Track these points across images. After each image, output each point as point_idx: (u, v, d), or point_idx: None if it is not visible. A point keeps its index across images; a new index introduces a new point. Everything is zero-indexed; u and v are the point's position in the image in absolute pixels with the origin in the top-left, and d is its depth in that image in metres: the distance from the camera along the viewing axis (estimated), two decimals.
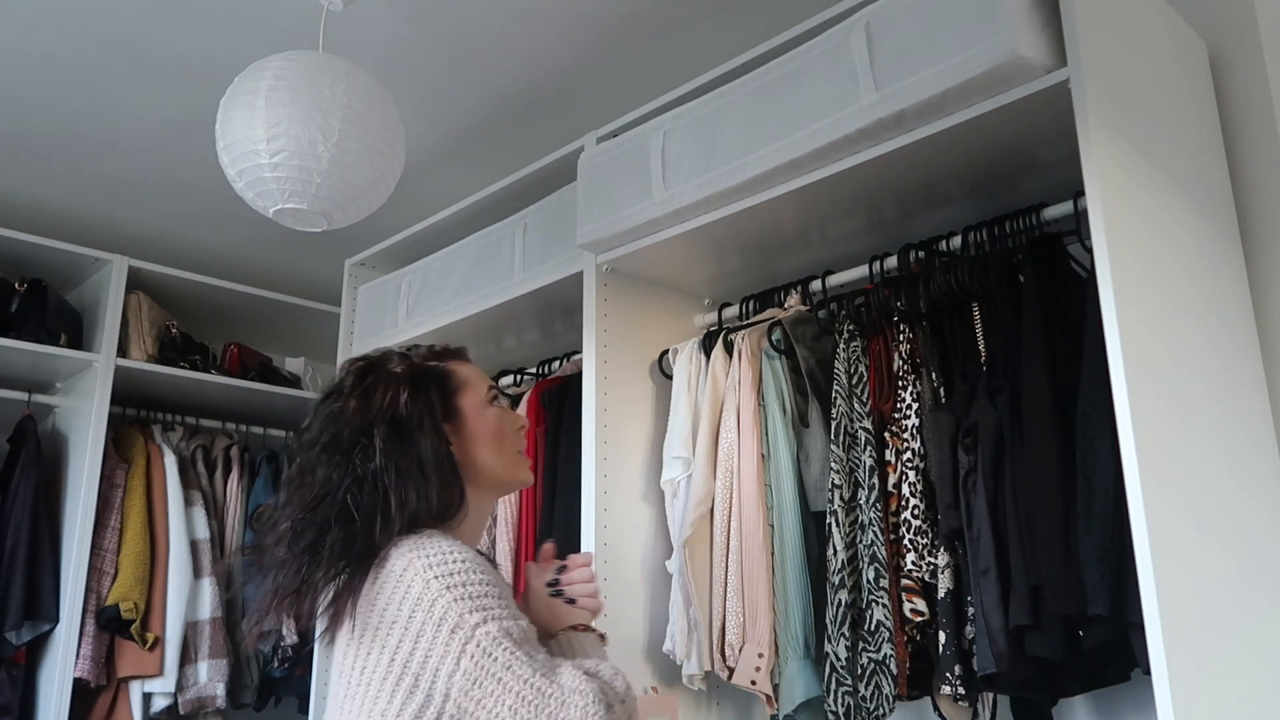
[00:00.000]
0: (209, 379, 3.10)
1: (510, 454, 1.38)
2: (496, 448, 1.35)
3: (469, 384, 1.36)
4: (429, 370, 1.34)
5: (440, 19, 2.26)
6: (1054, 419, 1.48)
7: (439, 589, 1.14)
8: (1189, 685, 1.23)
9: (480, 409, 1.35)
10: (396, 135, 1.89)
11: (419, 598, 1.15)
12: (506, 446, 1.37)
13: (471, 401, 1.35)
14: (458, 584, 1.15)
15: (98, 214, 3.18)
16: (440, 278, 2.63)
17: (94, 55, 2.39)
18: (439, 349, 1.40)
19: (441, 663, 1.12)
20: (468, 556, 1.18)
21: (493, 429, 1.35)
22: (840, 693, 1.64)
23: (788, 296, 2.06)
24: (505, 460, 1.36)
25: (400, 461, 1.23)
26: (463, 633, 1.12)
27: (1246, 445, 1.56)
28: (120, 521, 2.85)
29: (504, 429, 1.37)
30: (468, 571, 1.16)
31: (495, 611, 1.14)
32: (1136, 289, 1.38)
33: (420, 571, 1.16)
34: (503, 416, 1.39)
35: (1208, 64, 1.79)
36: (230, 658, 2.92)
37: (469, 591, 1.14)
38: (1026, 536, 1.49)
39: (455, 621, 1.13)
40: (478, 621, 1.13)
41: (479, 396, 1.36)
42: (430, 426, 1.27)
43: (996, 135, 1.57)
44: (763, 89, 1.79)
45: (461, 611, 1.13)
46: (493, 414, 1.37)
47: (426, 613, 1.14)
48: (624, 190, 1.99)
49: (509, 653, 1.11)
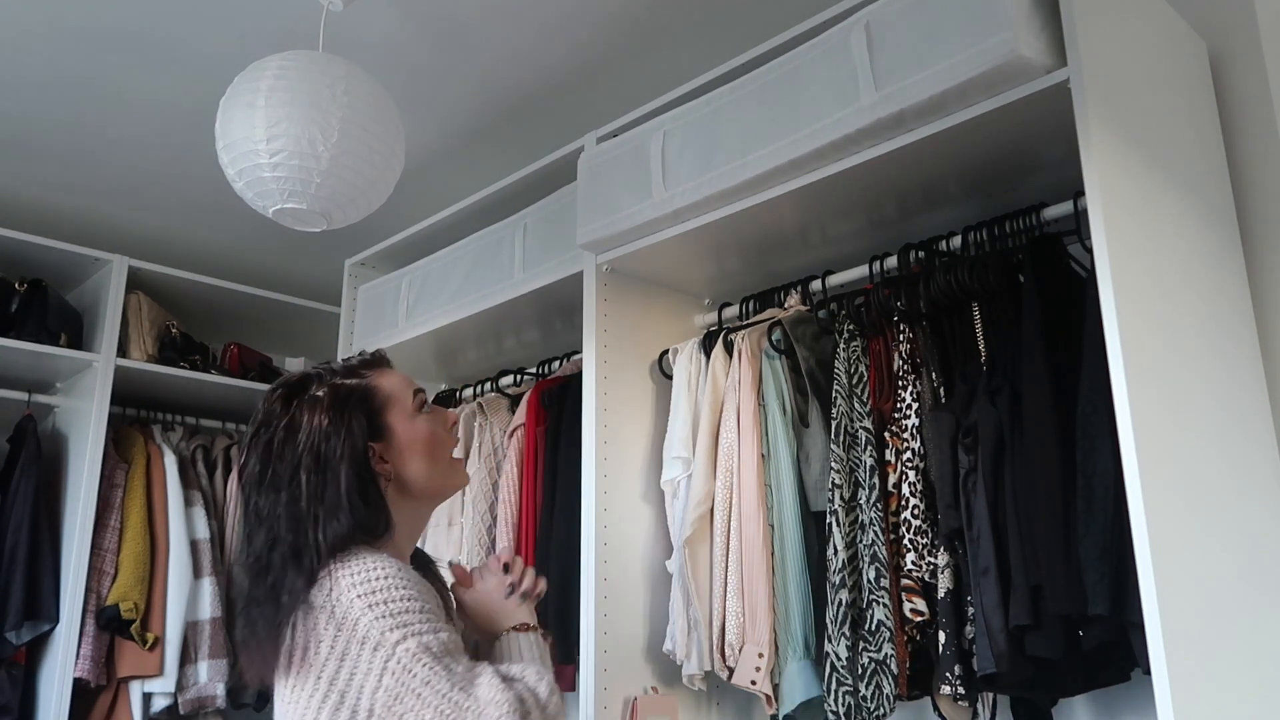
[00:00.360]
0: (209, 379, 3.10)
1: (444, 461, 1.37)
2: (430, 458, 1.34)
3: (394, 397, 1.34)
4: (351, 391, 1.31)
5: (440, 19, 2.26)
6: (1054, 419, 1.48)
7: (361, 608, 1.17)
8: (1189, 685, 1.23)
9: (409, 421, 1.34)
10: (396, 135, 1.89)
11: (343, 617, 1.17)
12: (440, 455, 1.36)
13: (399, 415, 1.33)
14: (379, 601, 1.17)
15: (98, 214, 3.18)
16: (440, 278, 2.63)
17: (94, 54, 2.39)
18: (358, 362, 1.37)
19: (365, 680, 1.16)
20: (391, 572, 1.20)
21: (425, 439, 1.34)
22: (840, 693, 1.64)
23: (788, 296, 2.06)
24: (440, 469, 1.36)
25: (323, 492, 1.24)
26: (384, 650, 1.15)
27: (1246, 445, 1.56)
28: (120, 521, 2.84)
29: (436, 436, 1.36)
30: (389, 589, 1.18)
31: (415, 627, 1.16)
32: (1136, 289, 1.38)
33: (345, 591, 1.18)
34: (433, 421, 1.37)
35: (1208, 64, 1.79)
36: (230, 658, 2.92)
37: (390, 609, 1.16)
38: (1026, 536, 1.49)
39: (377, 639, 1.15)
40: (397, 639, 1.15)
41: (406, 407, 1.34)
42: (349, 456, 1.26)
43: (996, 135, 1.57)
44: (763, 89, 1.79)
45: (382, 629, 1.15)
46: (422, 422, 1.35)
47: (350, 631, 1.17)
48: (624, 190, 1.99)
49: (427, 668, 1.14)
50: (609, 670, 1.91)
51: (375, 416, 1.31)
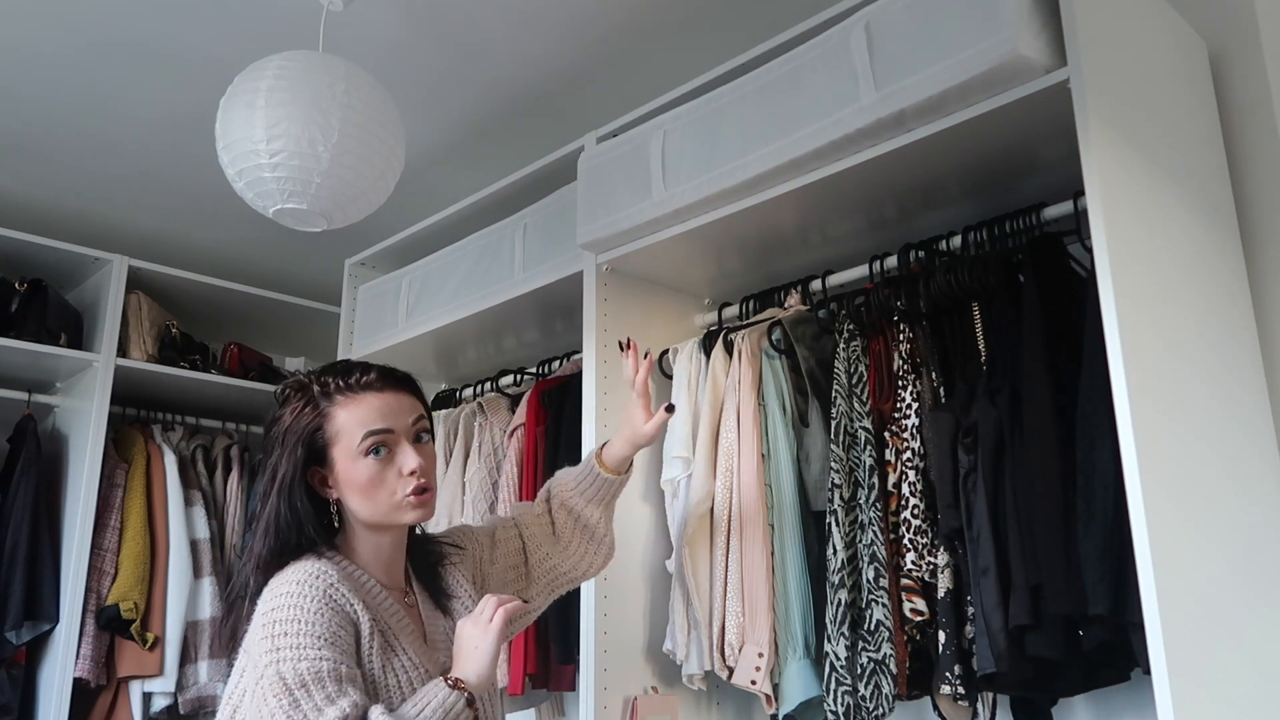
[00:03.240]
0: (209, 379, 3.10)
1: (384, 504, 1.34)
2: (365, 498, 1.33)
3: (341, 434, 1.33)
4: (302, 423, 1.34)
5: (440, 19, 2.26)
6: (1054, 419, 1.48)
7: (259, 625, 1.22)
8: (1189, 685, 1.23)
9: (351, 461, 1.33)
10: (396, 135, 1.89)
11: (249, 635, 1.25)
12: (378, 496, 1.33)
13: (342, 453, 1.33)
14: (270, 621, 1.21)
15: (98, 214, 3.18)
16: (440, 278, 2.63)
17: (94, 55, 2.39)
18: (352, 381, 1.36)
19: (243, 699, 1.24)
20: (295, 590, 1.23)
21: (361, 483, 1.33)
22: (840, 692, 1.64)
23: (788, 296, 2.06)
24: (378, 509, 1.34)
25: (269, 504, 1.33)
26: (256, 673, 1.20)
27: (1246, 445, 1.56)
28: (120, 521, 2.85)
29: (376, 480, 1.33)
30: (284, 608, 1.22)
31: (283, 653, 1.18)
32: (1136, 289, 1.38)
33: (261, 604, 1.25)
34: (378, 469, 1.33)
35: (1208, 64, 1.79)
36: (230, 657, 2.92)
37: (272, 630, 1.20)
38: (1026, 536, 1.49)
39: (256, 659, 1.21)
40: (266, 663, 1.19)
41: (350, 448, 1.33)
42: (285, 481, 1.32)
43: (996, 135, 1.57)
44: (763, 89, 1.79)
45: (261, 650, 1.20)
46: (363, 467, 1.32)
47: (248, 651, 1.26)
48: (624, 190, 1.99)
49: (276, 698, 1.16)
50: (609, 670, 1.91)
51: (323, 449, 1.35)
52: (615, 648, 1.94)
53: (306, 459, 1.33)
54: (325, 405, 1.35)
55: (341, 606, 1.25)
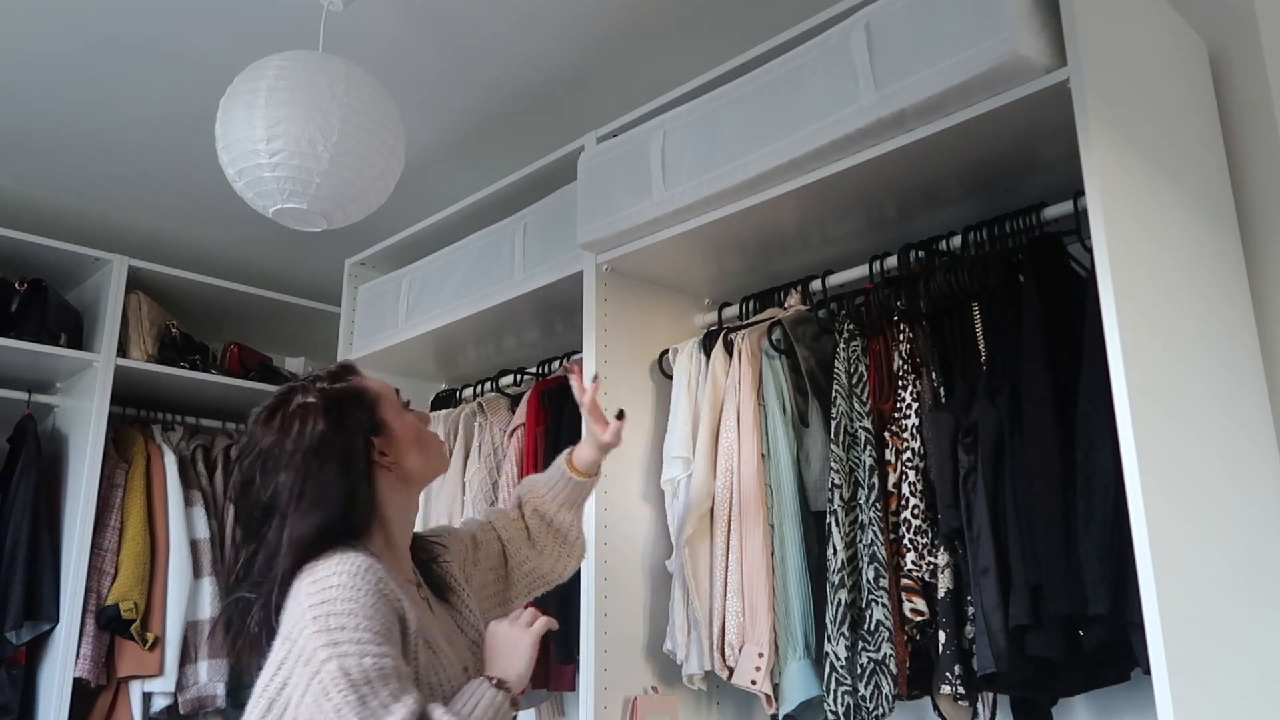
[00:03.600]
0: (209, 379, 3.10)
1: (434, 451, 1.45)
2: (421, 448, 1.41)
3: (383, 396, 1.40)
4: (344, 393, 1.36)
5: (440, 19, 2.26)
6: (1054, 419, 1.48)
7: (308, 619, 1.18)
8: (1189, 685, 1.23)
9: (400, 416, 1.41)
10: (396, 135, 1.89)
11: (293, 627, 1.19)
12: (430, 444, 1.44)
13: (390, 411, 1.39)
14: (323, 614, 1.17)
15: (98, 214, 3.18)
16: (440, 278, 2.63)
17: (94, 54, 2.39)
18: (336, 370, 1.41)
19: (293, 692, 1.17)
20: (345, 581, 1.20)
21: (414, 432, 1.41)
22: (840, 692, 1.64)
23: (788, 296, 2.06)
24: (429, 457, 1.43)
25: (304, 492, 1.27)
26: (312, 667, 1.16)
27: (1246, 445, 1.56)
28: (120, 521, 2.84)
29: (419, 430, 1.43)
30: (336, 600, 1.18)
31: (343, 648, 1.15)
32: (1136, 289, 1.38)
33: (301, 599, 1.20)
34: (418, 417, 1.45)
35: (1208, 64, 1.79)
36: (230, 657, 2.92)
37: (329, 624, 1.16)
38: (1026, 536, 1.49)
39: (309, 654, 1.16)
40: (325, 658, 1.15)
41: (394, 404, 1.41)
42: (346, 454, 1.31)
43: (996, 135, 1.57)
44: (763, 89, 1.79)
45: (316, 645, 1.16)
46: (410, 418, 1.43)
47: (293, 642, 1.19)
48: (624, 190, 1.99)
49: (342, 694, 1.13)
50: (609, 670, 1.91)
51: (372, 414, 1.36)
52: (615, 648, 1.94)
53: (367, 427, 1.34)
54: (350, 380, 1.38)
55: (392, 602, 1.23)
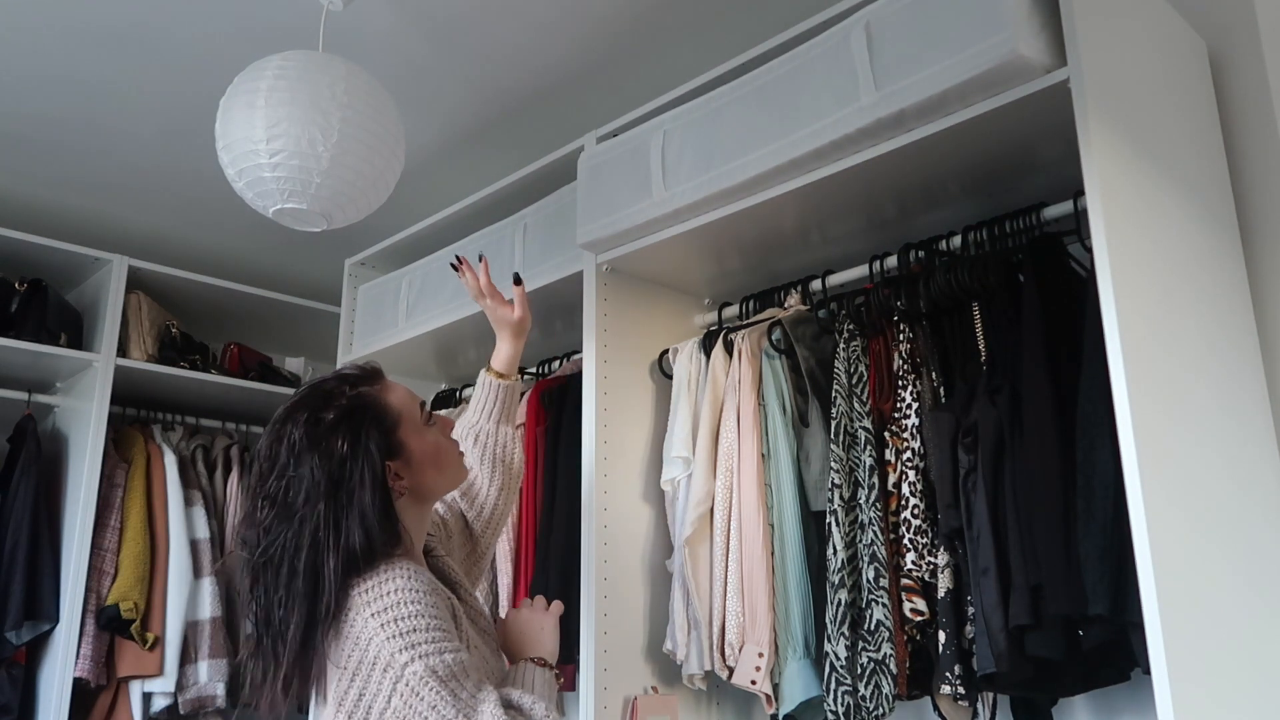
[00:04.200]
0: (209, 379, 3.10)
1: (452, 467, 1.42)
2: (440, 466, 1.39)
3: (404, 413, 1.35)
4: (365, 411, 1.31)
5: (440, 19, 2.26)
6: (1054, 419, 1.48)
7: (375, 628, 1.19)
8: (1189, 685, 1.23)
9: (420, 435, 1.37)
10: (396, 135, 1.89)
11: (358, 637, 1.20)
12: (448, 462, 1.41)
13: (410, 431, 1.35)
14: (390, 620, 1.19)
15: (98, 214, 3.18)
16: (440, 277, 2.63)
17: (94, 54, 2.39)
18: (359, 374, 1.37)
19: (374, 700, 1.18)
20: (403, 585, 1.21)
21: (433, 451, 1.37)
22: (840, 692, 1.64)
23: (788, 296, 2.06)
24: (449, 475, 1.42)
25: (339, 518, 1.24)
26: (393, 672, 1.17)
27: (1246, 445, 1.56)
28: (120, 521, 2.84)
29: (442, 445, 1.40)
30: (400, 604, 1.20)
31: (423, 648, 1.17)
32: (1136, 289, 1.38)
33: (360, 610, 1.21)
34: (441, 431, 1.42)
35: (1208, 64, 1.79)
36: (230, 657, 2.92)
37: (399, 628, 1.18)
38: (1026, 536, 1.49)
39: (386, 661, 1.17)
40: (406, 660, 1.17)
41: (416, 422, 1.37)
42: (369, 478, 1.27)
43: (996, 135, 1.57)
44: (763, 89, 1.79)
45: (392, 650, 1.17)
46: (431, 435, 1.39)
47: (363, 652, 1.19)
48: (624, 190, 1.99)
49: (434, 692, 1.16)
50: (609, 670, 1.91)
51: (389, 435, 1.32)
52: (615, 648, 1.94)
53: (381, 451, 1.29)
54: (374, 395, 1.34)
55: (446, 598, 1.27)
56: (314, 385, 1.36)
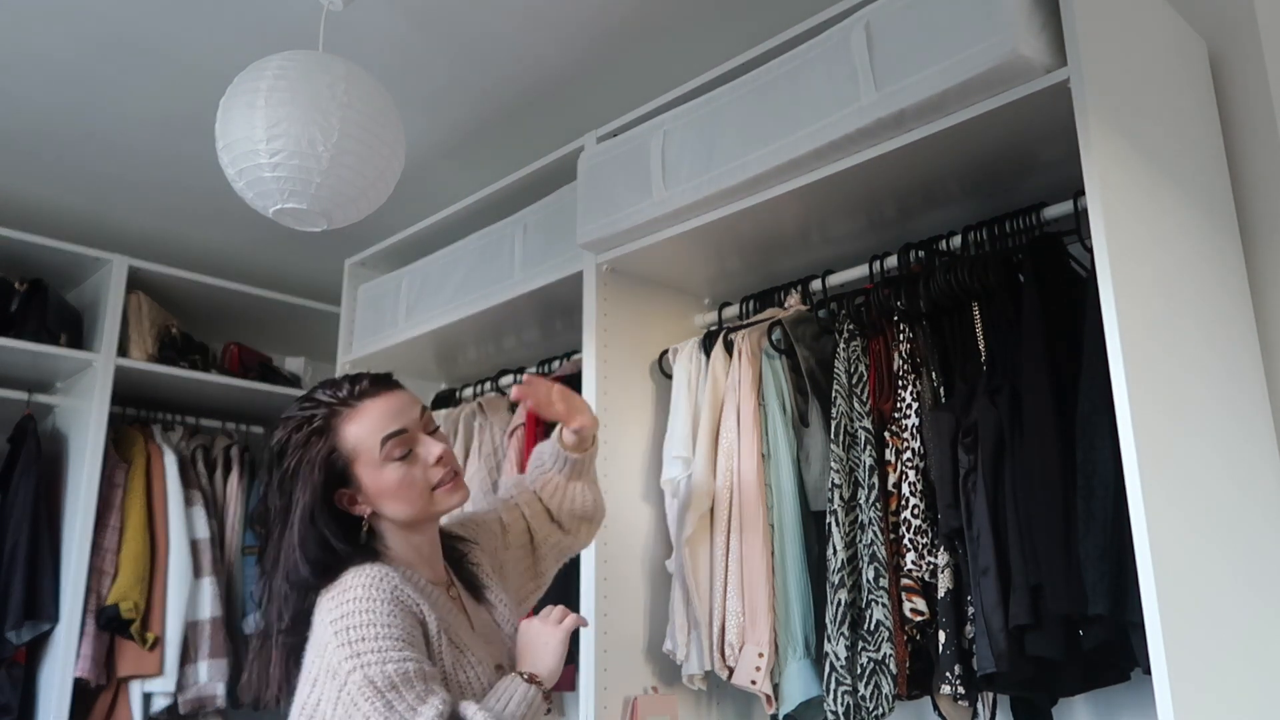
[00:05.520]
0: (209, 379, 3.10)
1: (420, 500, 1.35)
2: (400, 501, 1.34)
3: (359, 448, 1.33)
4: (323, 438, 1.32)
5: (440, 19, 2.26)
6: (1054, 419, 1.48)
7: (329, 635, 1.21)
8: (1189, 685, 1.23)
9: (376, 471, 1.33)
10: (396, 135, 1.88)
11: (318, 642, 1.23)
12: (413, 495, 1.34)
13: (365, 467, 1.33)
14: (342, 629, 1.20)
15: (98, 214, 3.18)
16: (440, 277, 2.63)
17: (94, 55, 2.39)
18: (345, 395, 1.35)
19: (321, 707, 1.21)
20: (361, 594, 1.23)
21: (392, 486, 1.33)
22: (840, 692, 1.64)
23: (788, 296, 2.06)
24: (415, 508, 1.35)
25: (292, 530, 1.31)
26: (338, 680, 1.19)
27: (1246, 445, 1.56)
28: (120, 521, 2.84)
29: (406, 480, 1.34)
30: (354, 614, 1.21)
31: (366, 658, 1.18)
32: (1136, 289, 1.38)
33: (321, 616, 1.24)
34: (404, 469, 1.34)
35: (1208, 64, 1.79)
36: (230, 657, 2.92)
37: (349, 636, 1.20)
38: (1026, 536, 1.49)
39: (334, 668, 1.19)
40: (350, 669, 1.18)
41: (372, 459, 1.33)
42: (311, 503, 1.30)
43: (997, 135, 1.57)
44: (763, 89, 1.79)
45: (340, 658, 1.19)
46: (391, 472, 1.33)
47: (320, 656, 1.22)
48: (624, 190, 1.99)
49: (369, 701, 1.17)
50: (609, 670, 1.91)
51: (344, 470, 1.33)
52: (615, 648, 1.94)
53: (326, 484, 1.32)
54: (331, 427, 1.33)
55: (409, 607, 1.26)
56: (300, 401, 1.38)
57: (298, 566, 1.28)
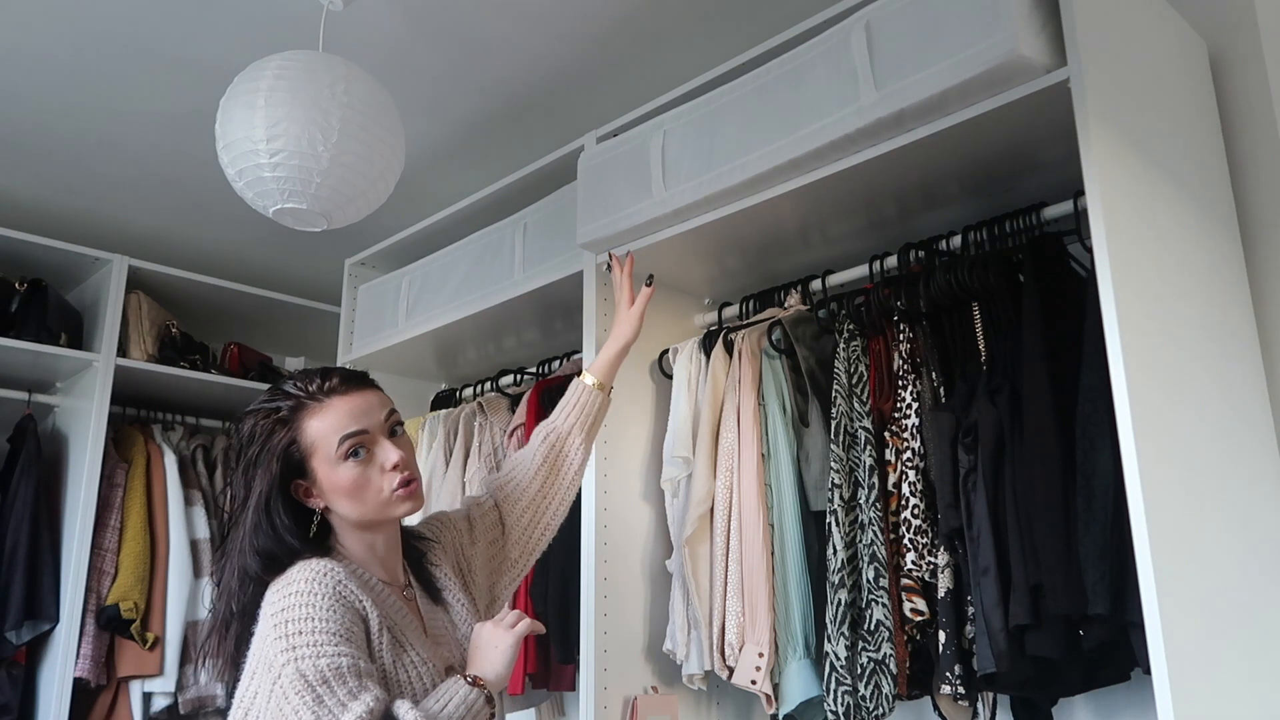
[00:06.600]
0: (209, 379, 3.10)
1: (373, 503, 1.34)
2: (353, 500, 1.33)
3: (315, 446, 1.33)
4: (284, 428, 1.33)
5: (441, 19, 2.26)
6: (1054, 418, 1.48)
7: (270, 626, 1.22)
8: (1189, 685, 1.23)
9: (332, 468, 1.32)
10: (396, 135, 1.89)
11: (259, 633, 1.24)
12: (366, 496, 1.34)
13: (321, 462, 1.33)
14: (282, 621, 1.21)
15: (98, 214, 3.18)
16: (440, 277, 2.63)
17: (94, 54, 2.39)
18: (314, 390, 1.35)
19: (257, 699, 1.22)
20: (304, 590, 1.23)
21: (345, 487, 1.33)
22: (840, 692, 1.64)
23: (788, 296, 2.06)
24: (366, 509, 1.34)
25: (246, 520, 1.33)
26: (273, 672, 1.19)
27: (1247, 444, 1.56)
28: (120, 521, 2.85)
29: (359, 481, 1.33)
30: (295, 607, 1.21)
31: (300, 651, 1.18)
32: (1136, 289, 1.38)
33: (265, 608, 1.25)
34: (360, 470, 1.33)
35: (1208, 64, 1.79)
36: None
37: (286, 630, 1.20)
38: (1026, 536, 1.49)
39: (270, 660, 1.20)
40: (284, 662, 1.18)
41: (328, 456, 1.32)
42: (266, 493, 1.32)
43: (996, 135, 1.57)
44: (762, 89, 1.79)
45: (275, 651, 1.19)
46: (345, 471, 1.32)
47: (260, 648, 1.23)
48: (624, 190, 1.99)
49: (298, 695, 1.16)
50: (609, 670, 1.91)
51: (301, 462, 1.33)
52: (615, 648, 1.94)
53: (283, 474, 1.32)
54: (294, 419, 1.34)
55: (351, 603, 1.25)
56: (270, 389, 1.39)
57: (246, 557, 1.30)
